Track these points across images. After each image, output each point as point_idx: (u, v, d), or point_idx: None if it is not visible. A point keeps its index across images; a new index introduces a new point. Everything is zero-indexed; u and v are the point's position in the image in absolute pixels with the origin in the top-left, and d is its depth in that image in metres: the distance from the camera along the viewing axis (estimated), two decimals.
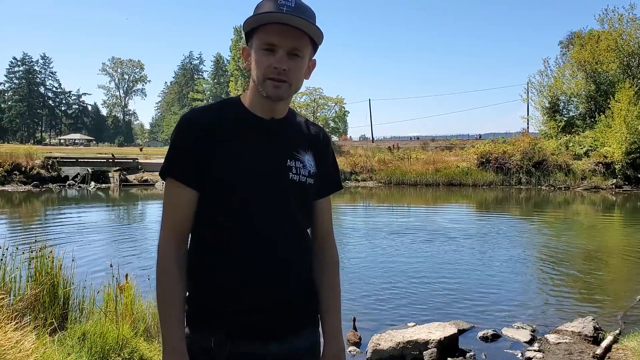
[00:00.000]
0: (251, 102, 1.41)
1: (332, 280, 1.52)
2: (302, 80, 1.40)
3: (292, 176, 1.40)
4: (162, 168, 1.39)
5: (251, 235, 1.34)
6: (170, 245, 1.35)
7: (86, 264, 7.02)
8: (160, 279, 1.34)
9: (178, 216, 1.37)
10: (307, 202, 1.47)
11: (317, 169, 1.47)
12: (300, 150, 1.44)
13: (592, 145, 28.35)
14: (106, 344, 3.53)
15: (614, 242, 12.08)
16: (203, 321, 1.35)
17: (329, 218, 1.56)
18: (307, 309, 1.45)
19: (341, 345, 1.50)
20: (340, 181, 1.62)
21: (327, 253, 1.54)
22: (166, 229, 1.37)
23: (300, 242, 1.44)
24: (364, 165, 30.19)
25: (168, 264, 1.34)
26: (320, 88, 45.03)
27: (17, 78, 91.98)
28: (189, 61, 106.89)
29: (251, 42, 1.38)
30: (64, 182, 25.91)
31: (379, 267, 8.44)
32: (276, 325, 1.36)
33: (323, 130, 1.59)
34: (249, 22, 1.34)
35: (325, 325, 1.49)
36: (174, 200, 1.37)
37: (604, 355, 4.57)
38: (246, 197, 1.35)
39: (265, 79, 1.33)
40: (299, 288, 1.41)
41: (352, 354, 4.81)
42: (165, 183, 1.40)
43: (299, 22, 1.30)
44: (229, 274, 1.33)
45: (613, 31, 32.22)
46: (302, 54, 1.35)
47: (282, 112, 1.44)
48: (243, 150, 1.36)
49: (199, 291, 1.37)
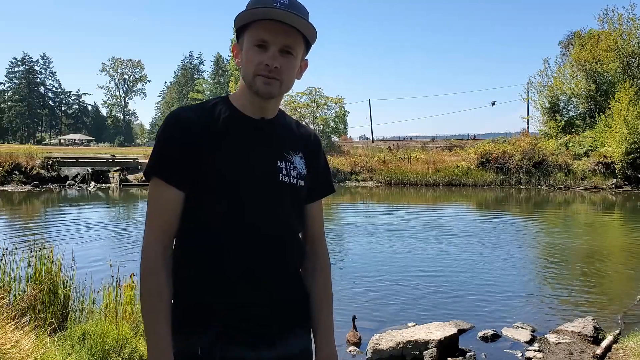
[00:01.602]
0: (241, 101, 1.38)
1: (324, 285, 1.49)
2: (294, 79, 1.37)
3: (282, 177, 1.36)
4: (147, 167, 1.33)
5: (241, 237, 1.30)
6: (155, 248, 1.29)
7: (86, 264, 7.01)
8: (146, 281, 1.28)
9: (164, 218, 1.31)
10: (299, 204, 1.44)
11: (308, 171, 1.44)
12: (290, 152, 1.41)
13: (592, 145, 28.36)
14: (106, 344, 3.53)
15: (614, 242, 12.08)
16: (191, 326, 1.30)
17: (320, 221, 1.53)
18: (299, 312, 1.42)
19: (333, 350, 1.46)
20: (332, 184, 1.58)
21: (319, 256, 1.51)
22: (151, 231, 1.31)
23: (292, 244, 1.40)
24: (363, 165, 30.21)
25: (154, 266, 1.28)
26: (320, 88, 45.13)
27: (17, 78, 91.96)
28: (189, 61, 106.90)
29: (242, 38, 1.34)
30: (64, 182, 25.92)
31: (379, 267, 8.43)
32: (267, 329, 1.32)
33: (314, 132, 1.56)
34: (241, 17, 1.31)
35: (318, 330, 1.45)
36: (160, 201, 1.31)
37: (604, 355, 4.57)
38: (235, 199, 1.31)
39: (256, 75, 1.30)
40: (290, 291, 1.39)
41: (352, 354, 4.81)
42: (150, 183, 1.33)
43: (292, 19, 1.27)
44: (218, 277, 1.29)
45: (613, 31, 32.26)
46: (295, 52, 1.32)
47: (273, 112, 1.41)
48: (232, 151, 1.32)
49: (192, 289, 1.31)
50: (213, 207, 1.31)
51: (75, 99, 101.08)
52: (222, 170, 1.30)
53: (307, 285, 1.46)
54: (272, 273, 1.33)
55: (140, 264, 1.30)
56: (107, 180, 27.18)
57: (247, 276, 1.30)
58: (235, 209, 1.31)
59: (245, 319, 1.30)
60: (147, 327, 1.28)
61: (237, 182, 1.31)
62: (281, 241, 1.36)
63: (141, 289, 1.29)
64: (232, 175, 1.31)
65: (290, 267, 1.39)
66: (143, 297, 1.28)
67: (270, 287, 1.33)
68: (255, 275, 1.31)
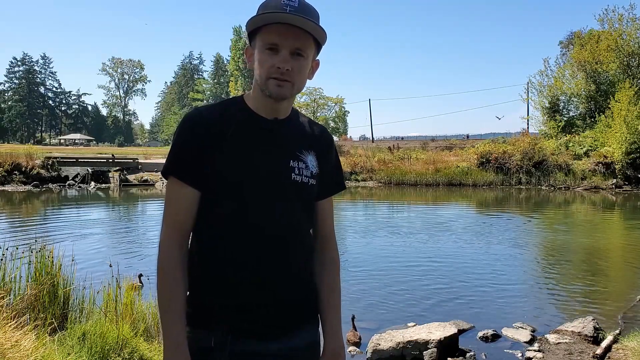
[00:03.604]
0: (254, 102, 1.42)
1: (332, 280, 1.53)
2: (305, 80, 1.41)
3: (295, 177, 1.40)
4: (165, 167, 1.39)
5: (254, 235, 1.34)
6: (172, 244, 1.35)
7: (86, 264, 7.01)
8: (162, 277, 1.34)
9: (180, 215, 1.36)
10: (310, 203, 1.47)
11: (320, 170, 1.47)
12: (303, 151, 1.44)
13: (592, 145, 28.34)
14: (106, 344, 3.52)
15: (614, 242, 12.08)
16: (203, 320, 1.35)
17: (330, 218, 1.57)
18: (308, 307, 1.46)
19: (341, 342, 1.50)
20: (343, 182, 1.62)
21: (328, 253, 1.54)
22: (168, 228, 1.37)
23: (303, 242, 1.44)
24: (364, 165, 30.18)
25: (170, 262, 1.34)
26: (320, 88, 45.13)
27: (17, 78, 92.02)
28: (189, 61, 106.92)
29: (254, 41, 1.38)
30: (64, 182, 25.91)
31: (379, 267, 8.44)
32: (277, 323, 1.36)
33: (326, 130, 1.59)
34: (253, 22, 1.34)
35: (325, 324, 1.49)
36: (176, 199, 1.37)
37: (604, 355, 4.57)
38: (249, 197, 1.35)
39: (268, 78, 1.33)
40: (300, 287, 1.42)
41: (352, 354, 4.81)
42: (167, 182, 1.39)
43: (302, 22, 1.30)
44: (230, 272, 1.34)
45: (613, 31, 32.26)
46: (306, 54, 1.36)
47: (285, 112, 1.44)
48: (246, 151, 1.36)
49: (199, 289, 1.37)
50: (218, 207, 1.35)
51: (75, 99, 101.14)
52: (236, 170, 1.35)
53: (316, 281, 1.50)
54: (276, 273, 1.36)
55: (157, 261, 1.36)
56: (107, 180, 27.17)
57: (250, 276, 1.34)
58: (239, 210, 1.35)
59: (249, 319, 1.34)
60: (163, 322, 1.33)
61: (250, 182, 1.35)
62: (284, 241, 1.38)
63: (158, 285, 1.34)
64: (246, 175, 1.35)
65: (294, 267, 1.41)
66: (160, 293, 1.34)
67: (274, 287, 1.36)
68: (259, 276, 1.35)
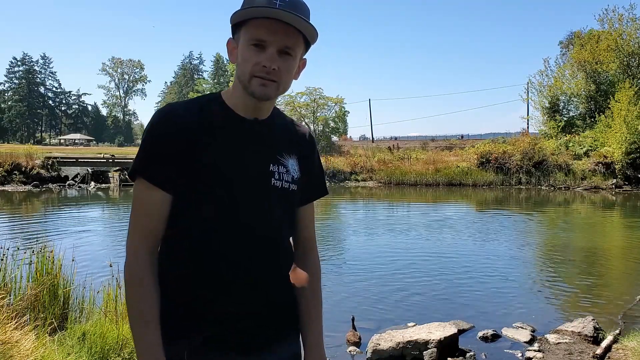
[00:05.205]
0: (234, 100, 1.31)
1: (314, 288, 1.44)
2: (291, 80, 1.31)
3: (275, 182, 1.31)
4: (133, 167, 1.26)
5: (231, 242, 1.25)
6: (142, 251, 1.23)
7: (86, 264, 7.01)
8: (133, 287, 1.22)
9: (149, 220, 1.24)
10: (291, 209, 1.39)
11: (302, 174, 1.39)
12: (284, 154, 1.36)
13: (592, 145, 28.34)
14: (106, 344, 3.53)
15: (614, 242, 12.07)
16: (178, 331, 1.24)
17: (312, 223, 1.48)
18: (289, 317, 1.39)
19: (323, 354, 1.42)
20: (326, 186, 1.54)
21: (309, 260, 1.46)
22: (136, 234, 1.24)
23: (284, 249, 1.37)
24: (363, 165, 30.18)
25: (141, 270, 1.22)
26: (320, 88, 45.09)
27: (17, 78, 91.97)
28: (189, 61, 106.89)
29: (238, 34, 1.27)
30: (64, 182, 25.93)
31: (378, 267, 8.43)
32: (257, 335, 1.29)
33: (309, 132, 1.49)
34: (238, 15, 1.24)
35: (307, 335, 1.41)
36: (146, 203, 1.24)
37: (604, 355, 4.57)
38: (225, 203, 1.25)
39: (252, 76, 1.23)
40: (285, 294, 1.37)
41: (352, 354, 4.81)
42: (135, 183, 1.26)
43: (292, 18, 1.19)
44: (224, 269, 1.25)
45: (613, 31, 32.26)
46: (294, 53, 1.26)
47: (267, 112, 1.34)
48: (223, 153, 1.26)
49: (173, 299, 1.25)
50: (201, 211, 1.25)
51: (75, 99, 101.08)
52: (212, 173, 1.25)
53: (297, 289, 1.42)
54: (268, 274, 1.31)
55: (124, 270, 1.24)
56: (107, 180, 27.19)
57: (244, 276, 1.27)
58: (230, 208, 1.26)
59: (241, 319, 1.27)
60: (136, 335, 1.21)
61: (231, 181, 1.26)
62: (275, 243, 1.32)
63: (127, 296, 1.22)
64: (222, 179, 1.26)
65: (284, 269, 1.37)
66: (130, 305, 1.22)
67: (266, 288, 1.30)
68: (251, 276, 1.28)
